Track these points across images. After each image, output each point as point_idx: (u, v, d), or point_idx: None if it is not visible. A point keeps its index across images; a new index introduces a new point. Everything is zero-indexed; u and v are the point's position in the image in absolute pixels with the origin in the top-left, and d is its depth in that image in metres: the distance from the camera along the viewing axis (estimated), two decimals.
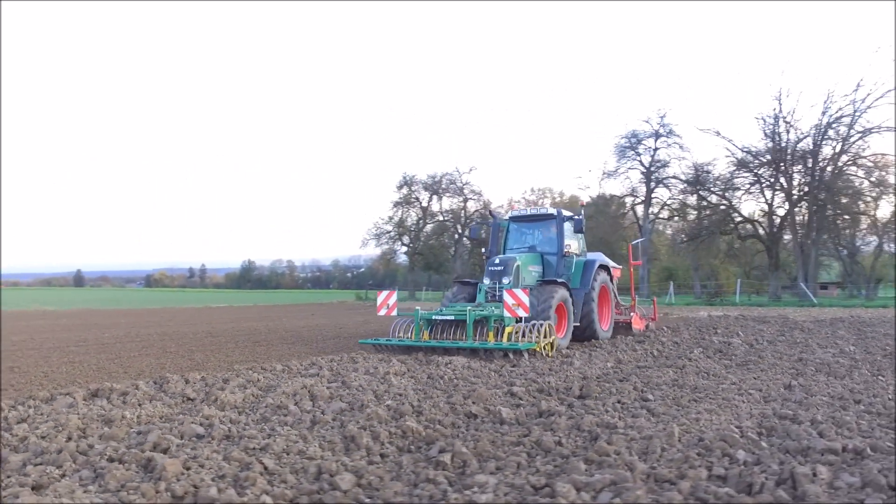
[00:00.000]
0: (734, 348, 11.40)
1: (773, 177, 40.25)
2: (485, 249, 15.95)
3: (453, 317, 11.26)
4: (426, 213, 58.19)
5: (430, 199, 58.11)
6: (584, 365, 9.47)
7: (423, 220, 58.35)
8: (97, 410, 6.02)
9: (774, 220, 41.32)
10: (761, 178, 40.81)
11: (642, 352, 11.19)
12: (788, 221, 40.49)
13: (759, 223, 42.88)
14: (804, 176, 39.67)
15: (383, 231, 57.86)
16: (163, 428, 5.30)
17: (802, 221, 40.61)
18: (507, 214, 14.73)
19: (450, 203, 58.31)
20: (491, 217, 14.87)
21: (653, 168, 45.44)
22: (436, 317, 11.50)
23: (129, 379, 8.28)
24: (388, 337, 11.82)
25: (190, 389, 7.20)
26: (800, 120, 59.91)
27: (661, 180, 45.66)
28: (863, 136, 37.36)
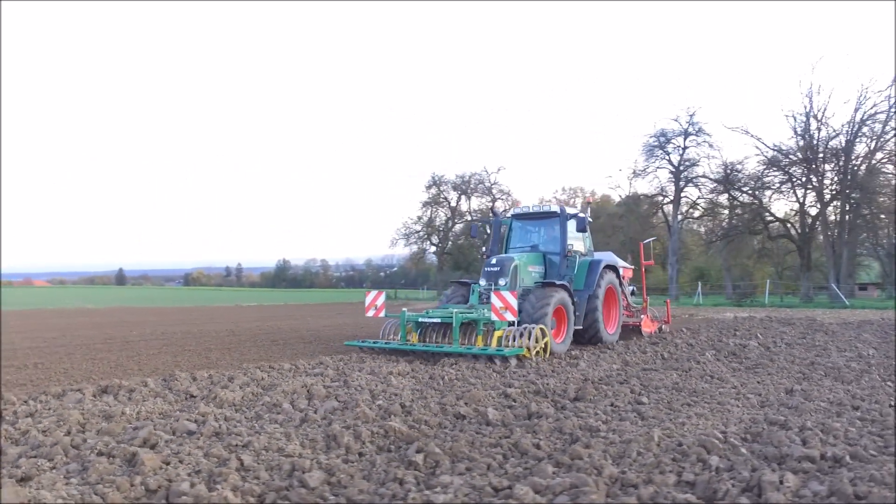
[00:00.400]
0: (748, 351, 11.19)
1: (805, 175, 39.21)
2: (484, 248, 15.54)
3: (440, 319, 10.75)
4: (455, 212, 58.38)
5: (458, 198, 58.34)
6: (590, 367, 9.42)
7: (451, 220, 58.54)
8: (101, 406, 6.25)
9: (806, 220, 40.26)
10: (792, 177, 39.81)
11: (652, 354, 11.05)
12: (820, 221, 39.39)
13: (790, 223, 41.86)
14: (836, 174, 38.55)
15: (412, 231, 58.31)
16: (158, 424, 5.49)
17: (835, 221, 39.47)
18: (511, 212, 14.13)
19: (478, 203, 58.42)
20: (492, 215, 14.20)
21: (682, 167, 44.65)
22: (422, 319, 10.97)
23: (141, 376, 8.55)
24: (379, 339, 11.33)
25: (195, 387, 7.42)
26: (832, 117, 58.52)
27: (690, 179, 44.84)
28: None
